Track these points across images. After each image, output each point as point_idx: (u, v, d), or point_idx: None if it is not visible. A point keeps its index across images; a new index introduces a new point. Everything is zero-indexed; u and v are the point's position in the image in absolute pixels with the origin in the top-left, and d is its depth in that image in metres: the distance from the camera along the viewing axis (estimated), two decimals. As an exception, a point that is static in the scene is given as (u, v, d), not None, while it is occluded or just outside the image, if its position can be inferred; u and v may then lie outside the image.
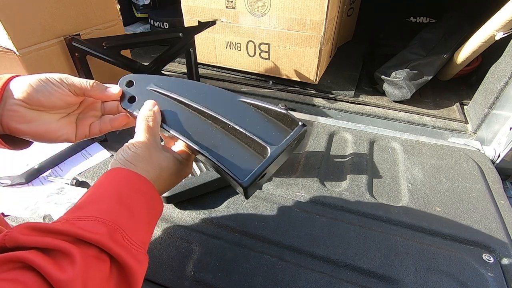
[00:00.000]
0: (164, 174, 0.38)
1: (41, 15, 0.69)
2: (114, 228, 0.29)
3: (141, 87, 0.42)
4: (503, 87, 0.74)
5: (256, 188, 0.40)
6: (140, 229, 0.33)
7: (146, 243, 0.34)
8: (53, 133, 0.39)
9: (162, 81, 0.43)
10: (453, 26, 0.99)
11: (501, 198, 0.64)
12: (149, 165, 0.36)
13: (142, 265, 0.31)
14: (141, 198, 0.34)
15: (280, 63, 0.99)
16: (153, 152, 0.37)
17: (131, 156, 0.36)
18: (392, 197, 0.63)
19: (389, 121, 0.90)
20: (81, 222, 0.29)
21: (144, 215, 0.34)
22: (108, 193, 0.32)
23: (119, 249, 0.28)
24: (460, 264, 0.50)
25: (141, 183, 0.35)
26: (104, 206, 0.31)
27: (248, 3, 0.90)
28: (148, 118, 0.38)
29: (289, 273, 0.49)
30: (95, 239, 0.27)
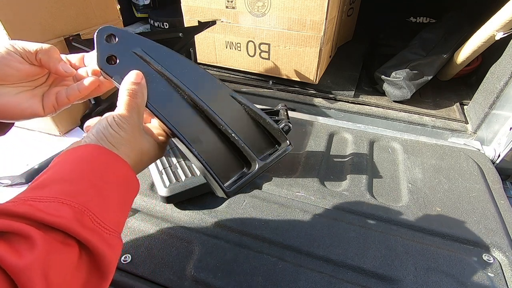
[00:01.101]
0: (145, 158, 0.35)
1: (41, 15, 0.69)
2: (81, 211, 0.26)
3: (125, 47, 0.35)
4: (503, 87, 0.74)
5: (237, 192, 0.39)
6: (112, 211, 0.30)
7: (120, 225, 0.31)
8: (15, 108, 0.35)
9: (152, 49, 0.36)
10: (453, 26, 0.99)
11: (501, 198, 0.64)
12: (131, 150, 0.33)
13: (115, 250, 0.29)
14: (114, 180, 0.30)
15: (280, 63, 0.99)
16: (137, 135, 0.33)
17: (114, 138, 0.32)
18: (392, 197, 0.63)
19: (389, 121, 0.90)
20: (42, 204, 0.25)
21: (117, 197, 0.31)
22: (75, 171, 0.29)
23: (88, 233, 0.26)
24: (460, 264, 0.50)
25: (115, 161, 0.31)
26: (69, 186, 0.27)
27: (248, 3, 0.90)
28: (136, 94, 0.33)
29: (289, 273, 0.49)
30: (59, 223, 0.24)
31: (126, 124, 0.32)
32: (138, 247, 0.52)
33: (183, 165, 0.63)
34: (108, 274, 0.28)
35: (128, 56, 0.34)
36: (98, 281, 0.27)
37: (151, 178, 0.65)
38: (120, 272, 0.49)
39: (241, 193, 0.62)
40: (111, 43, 0.34)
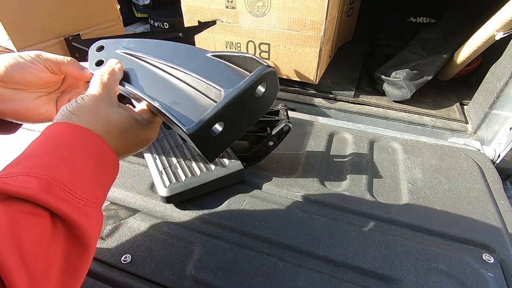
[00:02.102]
0: (115, 130, 0.34)
1: (41, 15, 0.69)
2: (49, 181, 0.26)
3: (110, 50, 0.40)
4: (503, 87, 0.74)
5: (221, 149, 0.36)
6: (86, 182, 0.29)
7: (98, 198, 0.31)
8: (33, 112, 0.38)
9: (131, 43, 0.41)
10: (453, 26, 0.99)
11: (501, 198, 0.64)
12: (94, 117, 0.33)
13: (93, 220, 0.28)
14: (84, 151, 0.30)
15: (280, 63, 0.99)
16: (102, 105, 0.34)
17: (75, 107, 0.32)
18: (392, 197, 0.63)
19: (389, 121, 0.90)
20: (9, 179, 0.25)
21: (89, 168, 0.30)
22: (43, 148, 0.29)
23: (59, 203, 0.26)
24: (460, 264, 0.50)
25: (83, 134, 0.31)
26: (37, 160, 0.28)
27: (248, 3, 0.90)
28: (103, 73, 0.36)
29: (289, 273, 0.49)
30: (24, 193, 0.24)
31: (89, 96, 0.33)
32: (138, 247, 0.52)
33: (183, 165, 0.63)
34: (88, 244, 0.27)
35: (112, 56, 0.40)
36: (79, 251, 0.27)
37: (151, 178, 0.65)
38: (120, 272, 0.49)
39: (241, 193, 0.62)
40: (101, 52, 0.40)
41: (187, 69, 0.37)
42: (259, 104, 0.37)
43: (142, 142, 0.38)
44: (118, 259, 0.50)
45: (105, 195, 0.33)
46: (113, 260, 0.50)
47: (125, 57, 0.40)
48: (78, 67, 0.40)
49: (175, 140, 0.70)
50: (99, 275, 0.48)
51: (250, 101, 0.34)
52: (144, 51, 0.40)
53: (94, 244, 0.29)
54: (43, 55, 0.38)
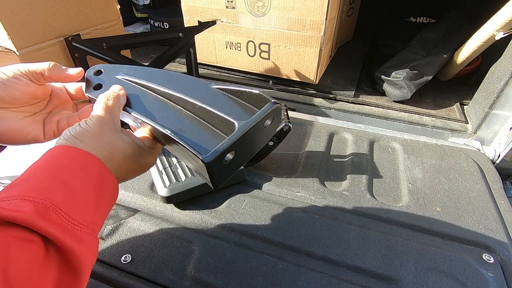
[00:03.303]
0: (118, 156, 0.33)
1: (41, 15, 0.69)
2: (45, 205, 0.25)
3: (109, 75, 0.40)
4: (503, 87, 0.74)
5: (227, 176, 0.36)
6: (84, 207, 0.28)
7: (95, 224, 0.29)
8: (18, 132, 0.37)
9: (132, 70, 0.41)
10: (453, 26, 0.99)
11: (501, 198, 0.64)
12: (98, 142, 0.32)
13: (88, 247, 0.27)
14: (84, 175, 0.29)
15: (280, 63, 0.99)
16: (105, 130, 0.33)
17: (78, 131, 0.31)
18: (392, 197, 0.63)
19: (389, 121, 0.90)
20: (4, 202, 0.24)
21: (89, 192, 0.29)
22: (42, 170, 0.28)
23: (53, 228, 0.24)
24: (460, 264, 0.50)
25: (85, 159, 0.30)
26: (35, 183, 0.27)
27: (248, 3, 0.90)
28: (108, 97, 0.35)
29: (289, 273, 0.49)
30: (17, 217, 0.23)
31: (93, 120, 0.33)
32: (138, 247, 0.52)
33: (183, 165, 0.63)
34: (81, 272, 0.26)
35: (112, 80, 0.40)
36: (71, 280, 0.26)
37: (151, 178, 0.65)
38: (120, 272, 0.49)
39: (241, 193, 0.62)
40: (99, 76, 0.40)
41: (195, 99, 0.37)
42: (264, 134, 0.39)
43: (142, 168, 0.37)
44: (118, 259, 0.50)
45: (103, 221, 0.32)
46: (113, 260, 0.50)
47: (127, 84, 0.39)
48: (61, 69, 0.38)
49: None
50: (99, 275, 0.48)
51: (258, 133, 0.36)
52: (146, 78, 0.40)
53: (88, 272, 0.27)
54: (23, 67, 0.36)
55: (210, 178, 0.33)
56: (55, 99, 0.41)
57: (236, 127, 0.33)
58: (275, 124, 0.39)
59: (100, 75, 0.40)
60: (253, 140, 0.36)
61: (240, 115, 0.35)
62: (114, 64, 0.42)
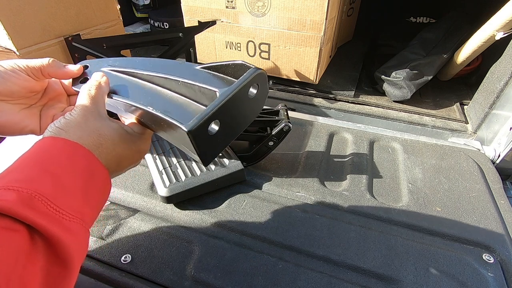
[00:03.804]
0: (106, 143, 0.33)
1: (41, 15, 0.69)
2: (30, 195, 0.24)
3: (95, 68, 0.41)
4: (503, 87, 0.74)
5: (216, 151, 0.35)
6: (72, 197, 0.28)
7: (85, 214, 0.29)
8: (16, 125, 0.38)
9: (117, 61, 0.42)
10: (453, 26, 0.99)
11: (501, 198, 0.64)
12: (83, 131, 0.31)
13: (77, 237, 0.26)
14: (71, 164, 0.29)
15: (280, 63, 0.99)
16: (90, 119, 0.32)
17: (63, 123, 0.31)
18: (392, 197, 0.63)
19: (389, 121, 0.90)
20: None
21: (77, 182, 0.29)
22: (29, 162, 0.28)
23: (38, 216, 0.24)
24: (460, 264, 0.50)
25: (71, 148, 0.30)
26: (20, 174, 0.26)
27: (248, 3, 0.90)
28: (91, 87, 0.35)
29: (289, 273, 0.49)
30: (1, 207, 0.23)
31: (77, 110, 0.32)
32: (138, 247, 0.52)
33: (183, 165, 0.63)
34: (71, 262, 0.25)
35: None
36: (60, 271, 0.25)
37: (151, 178, 0.65)
38: (120, 272, 0.49)
39: (241, 193, 0.62)
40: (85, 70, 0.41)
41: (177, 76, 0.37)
42: (251, 105, 0.37)
43: (135, 155, 0.37)
44: (118, 259, 0.50)
45: (96, 213, 0.31)
46: (113, 260, 0.50)
47: (111, 74, 0.40)
48: (60, 66, 0.39)
49: (175, 140, 0.70)
50: (99, 275, 0.48)
51: (243, 102, 0.35)
52: (130, 66, 0.40)
53: (78, 263, 0.27)
54: (22, 62, 0.36)
55: (197, 152, 0.32)
56: (50, 92, 0.42)
57: (217, 95, 0.32)
58: (262, 93, 0.38)
59: (86, 70, 0.41)
60: (239, 110, 0.35)
61: (223, 85, 0.34)
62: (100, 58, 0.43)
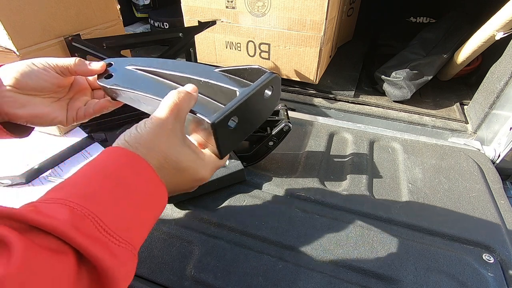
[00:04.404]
0: (169, 167, 0.31)
1: (41, 15, 0.69)
2: (82, 214, 0.23)
3: (119, 66, 0.44)
4: (503, 87, 0.74)
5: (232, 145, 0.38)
6: (126, 219, 0.26)
7: (135, 238, 0.27)
8: (47, 116, 0.41)
9: (140, 61, 0.44)
10: (453, 26, 0.99)
11: (501, 198, 0.64)
12: (150, 150, 0.30)
13: (125, 266, 0.25)
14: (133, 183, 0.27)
15: (280, 63, 0.99)
16: (161, 137, 0.30)
17: (133, 138, 0.30)
18: (392, 197, 0.63)
19: (389, 121, 0.90)
20: (44, 205, 0.23)
21: (134, 202, 0.27)
22: (91, 175, 0.27)
23: (86, 240, 0.22)
24: (460, 264, 0.50)
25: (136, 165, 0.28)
26: (79, 188, 0.25)
27: (248, 3, 0.90)
28: (182, 97, 0.32)
29: (289, 273, 0.49)
30: (49, 225, 0.21)
31: (152, 124, 0.30)
32: (138, 247, 0.52)
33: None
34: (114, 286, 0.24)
35: (121, 70, 0.43)
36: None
37: (151, 178, 0.64)
38: (120, 272, 0.49)
39: (241, 193, 0.62)
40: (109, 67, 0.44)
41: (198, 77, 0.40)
42: (265, 105, 0.41)
43: (194, 182, 0.35)
44: (118, 259, 0.50)
45: (146, 234, 0.29)
46: (113, 260, 0.50)
47: (135, 72, 0.43)
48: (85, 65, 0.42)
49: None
50: (99, 275, 0.48)
51: (259, 102, 0.37)
52: (153, 66, 0.43)
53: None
54: (51, 61, 0.39)
55: (216, 143, 0.34)
56: (76, 87, 0.45)
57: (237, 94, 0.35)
58: (275, 95, 0.41)
59: (111, 67, 0.44)
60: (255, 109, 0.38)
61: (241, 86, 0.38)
62: (123, 58, 0.46)
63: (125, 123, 0.82)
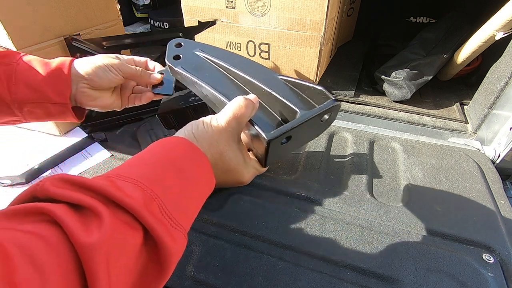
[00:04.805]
0: (222, 166, 0.35)
1: (41, 15, 0.69)
2: (151, 196, 0.26)
3: (188, 49, 0.47)
4: (503, 87, 0.74)
5: (277, 158, 0.41)
6: (183, 206, 0.29)
7: (187, 221, 0.30)
8: (109, 105, 0.51)
9: (207, 48, 0.47)
10: (453, 26, 0.99)
11: (501, 198, 0.64)
12: (210, 147, 0.34)
13: (178, 245, 0.28)
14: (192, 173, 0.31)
15: (280, 63, 0.99)
16: (223, 138, 0.34)
17: (199, 132, 0.34)
18: (392, 197, 0.63)
19: (389, 121, 0.90)
20: (120, 181, 0.26)
21: (192, 190, 0.31)
22: (159, 159, 0.30)
23: (154, 221, 0.25)
24: (460, 264, 0.50)
25: (197, 157, 0.32)
26: (149, 170, 0.28)
27: (248, 3, 0.90)
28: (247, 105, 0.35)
29: (289, 273, 0.49)
30: (128, 203, 0.24)
31: (217, 123, 0.34)
32: (138, 247, 0.52)
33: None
34: (168, 268, 0.27)
35: (189, 54, 0.46)
36: (157, 273, 0.26)
37: (151, 178, 0.64)
38: (120, 272, 0.49)
39: (241, 193, 0.62)
40: (179, 48, 0.47)
41: (261, 83, 0.40)
42: (319, 127, 0.42)
43: (235, 183, 0.40)
44: (118, 259, 0.50)
45: (192, 221, 0.33)
46: (113, 260, 0.50)
47: (203, 59, 0.45)
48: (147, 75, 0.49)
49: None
50: (99, 275, 0.48)
51: (314, 124, 0.39)
52: (221, 58, 0.44)
53: (172, 268, 0.28)
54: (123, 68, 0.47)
55: (265, 156, 0.36)
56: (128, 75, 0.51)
57: (298, 115, 0.36)
58: (331, 120, 0.42)
59: (180, 48, 0.46)
60: (309, 130, 0.39)
61: (302, 105, 0.39)
62: (191, 40, 0.49)
63: (125, 123, 0.82)
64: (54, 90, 0.44)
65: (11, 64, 0.43)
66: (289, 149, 0.40)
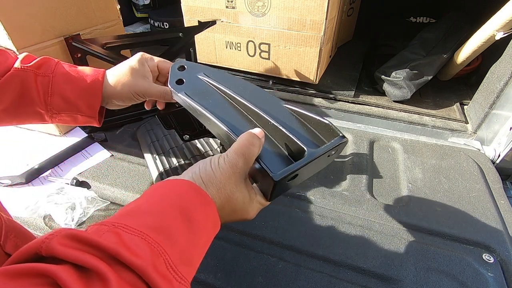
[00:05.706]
0: (229, 208, 0.34)
1: (41, 15, 0.69)
2: (158, 251, 0.25)
3: (191, 73, 0.45)
4: (503, 87, 0.74)
5: (282, 191, 0.40)
6: (189, 257, 0.29)
7: (191, 274, 0.29)
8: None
9: (211, 72, 0.46)
10: (453, 26, 0.99)
11: (501, 198, 0.64)
12: (218, 192, 0.33)
13: None
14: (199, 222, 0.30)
15: (280, 63, 0.99)
16: (231, 181, 0.33)
17: (208, 176, 0.33)
18: (392, 197, 0.63)
19: (389, 121, 0.90)
20: (128, 235, 0.25)
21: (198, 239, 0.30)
22: (164, 205, 0.29)
23: (159, 279, 0.24)
24: (460, 264, 0.50)
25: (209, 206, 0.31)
26: (156, 220, 0.27)
27: (248, 3, 0.90)
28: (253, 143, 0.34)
29: (289, 273, 0.49)
30: (135, 264, 0.24)
31: (225, 164, 0.33)
32: (138, 247, 0.52)
33: (183, 166, 0.63)
34: None
35: (193, 78, 0.45)
36: None
37: (151, 178, 0.65)
38: (120, 272, 0.49)
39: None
40: (182, 72, 0.45)
41: (268, 115, 0.39)
42: (325, 161, 0.41)
43: (239, 219, 0.38)
44: (118, 259, 0.50)
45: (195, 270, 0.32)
46: (113, 260, 0.50)
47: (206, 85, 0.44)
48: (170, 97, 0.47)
49: (175, 140, 0.70)
50: (99, 275, 0.48)
51: (321, 160, 0.38)
52: (225, 84, 0.43)
53: None
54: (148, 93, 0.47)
55: (271, 193, 0.35)
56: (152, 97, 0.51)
57: (305, 154, 0.35)
58: (336, 154, 0.41)
59: (183, 71, 0.45)
60: (315, 166, 0.38)
61: (309, 142, 0.39)
62: (194, 63, 0.47)
63: (125, 123, 0.82)
64: (86, 104, 0.47)
65: (47, 76, 0.46)
66: (294, 184, 0.39)
